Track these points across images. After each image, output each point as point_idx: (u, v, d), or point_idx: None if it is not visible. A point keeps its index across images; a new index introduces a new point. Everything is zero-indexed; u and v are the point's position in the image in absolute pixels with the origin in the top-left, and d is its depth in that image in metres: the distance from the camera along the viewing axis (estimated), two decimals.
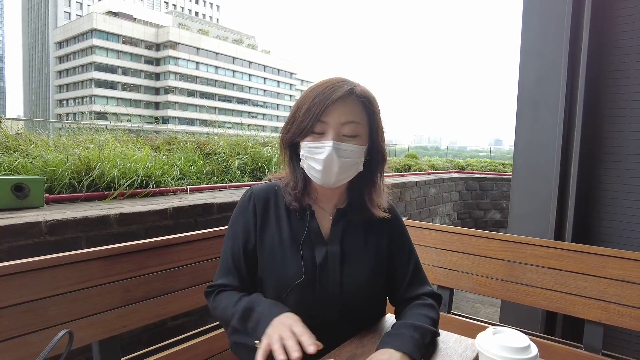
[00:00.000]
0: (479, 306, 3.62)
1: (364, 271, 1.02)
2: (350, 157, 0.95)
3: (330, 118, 0.93)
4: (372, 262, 1.04)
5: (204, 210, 2.03)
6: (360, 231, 1.05)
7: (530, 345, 0.76)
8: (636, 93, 2.07)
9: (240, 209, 1.06)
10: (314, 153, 0.95)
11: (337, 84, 0.95)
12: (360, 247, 1.04)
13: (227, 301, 0.98)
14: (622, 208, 2.12)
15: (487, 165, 7.02)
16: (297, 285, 0.96)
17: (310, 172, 0.98)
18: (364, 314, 1.05)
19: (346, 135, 0.95)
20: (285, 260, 0.98)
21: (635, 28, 2.06)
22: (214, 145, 3.40)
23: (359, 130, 0.96)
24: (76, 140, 2.73)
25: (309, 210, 1.03)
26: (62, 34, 66.51)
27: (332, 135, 0.93)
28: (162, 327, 1.89)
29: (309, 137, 0.95)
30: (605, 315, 1.43)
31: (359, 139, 0.96)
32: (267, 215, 1.04)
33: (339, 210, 1.05)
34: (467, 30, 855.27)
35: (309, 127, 0.94)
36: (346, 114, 0.94)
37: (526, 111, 2.36)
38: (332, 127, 0.93)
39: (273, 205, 1.05)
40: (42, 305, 1.00)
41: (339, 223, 1.04)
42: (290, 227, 1.02)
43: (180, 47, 63.85)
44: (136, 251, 1.19)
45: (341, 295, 0.99)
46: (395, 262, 1.09)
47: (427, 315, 0.99)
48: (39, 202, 1.80)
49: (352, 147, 0.95)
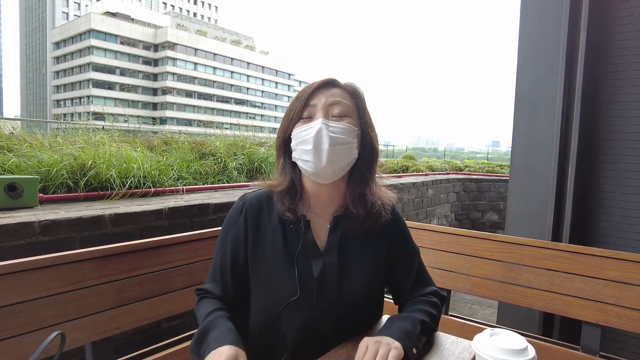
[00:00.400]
0: (476, 307, 3.61)
1: (362, 281, 0.98)
2: (340, 135, 0.92)
3: (316, 100, 0.94)
4: (371, 271, 1.01)
5: (199, 211, 2.02)
6: (358, 237, 1.01)
7: (527, 347, 0.75)
8: (633, 94, 2.07)
9: (231, 219, 1.02)
10: (303, 136, 0.92)
11: (322, 79, 0.98)
12: (358, 256, 1.00)
13: (201, 312, 0.95)
14: (619, 209, 2.12)
15: (485, 166, 7.03)
16: (291, 303, 0.92)
17: (302, 158, 0.93)
18: (360, 321, 1.02)
19: (335, 115, 0.94)
20: (279, 276, 0.94)
21: (632, 29, 2.06)
22: (210, 145, 3.39)
23: (348, 112, 0.96)
24: (71, 140, 2.71)
25: (304, 221, 0.98)
26: (59, 34, 66.39)
27: (320, 115, 0.93)
28: (158, 328, 1.87)
29: (297, 123, 0.95)
30: (603, 316, 1.43)
31: (349, 119, 0.95)
32: (259, 228, 0.99)
33: (336, 218, 1.00)
34: (465, 32, 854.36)
35: (296, 113, 0.94)
36: (332, 95, 0.95)
37: (524, 112, 2.36)
38: (320, 108, 0.93)
39: (266, 216, 1.00)
40: (34, 306, 0.99)
41: (335, 231, 0.99)
42: (285, 239, 0.97)
43: (178, 47, 63.81)
44: (130, 252, 1.17)
45: (338, 308, 0.96)
46: (399, 264, 1.06)
47: (424, 309, 0.98)
48: (32, 202, 1.78)
49: (342, 124, 0.93)
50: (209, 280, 1.03)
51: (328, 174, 0.93)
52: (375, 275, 1.02)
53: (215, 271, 1.01)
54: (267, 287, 0.96)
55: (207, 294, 1.00)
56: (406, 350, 0.83)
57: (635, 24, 2.05)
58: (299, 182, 0.99)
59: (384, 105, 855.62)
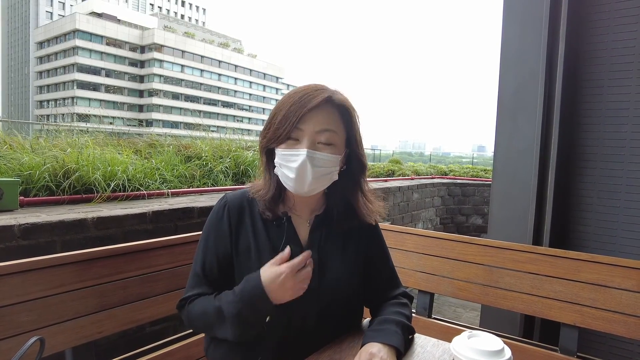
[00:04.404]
0: (460, 311, 3.66)
1: (342, 277, 1.01)
2: (324, 167, 0.94)
3: (306, 125, 0.93)
4: (350, 269, 1.04)
5: (184, 214, 2.01)
6: (338, 237, 1.05)
7: (503, 348, 0.77)
8: (610, 102, 2.14)
9: (214, 219, 1.03)
10: (288, 161, 0.94)
11: (315, 92, 0.94)
12: (338, 253, 1.03)
13: (204, 303, 0.96)
14: (596, 214, 2.18)
15: (469, 171, 7.13)
16: None
17: (284, 180, 0.97)
18: (341, 321, 1.05)
19: (321, 142, 0.94)
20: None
21: (609, 39, 2.13)
22: (196, 148, 3.37)
23: (335, 139, 0.96)
24: (54, 142, 2.67)
25: (286, 218, 1.01)
26: (43, 33, 65.15)
27: (306, 143, 0.92)
28: (141, 332, 1.85)
29: (284, 144, 0.95)
30: (580, 318, 1.47)
31: (334, 148, 0.95)
32: (242, 225, 1.01)
33: (317, 217, 1.04)
34: (452, 38, 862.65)
35: (284, 134, 0.93)
36: (322, 122, 0.94)
37: (505, 119, 2.41)
38: (307, 134, 0.93)
39: (248, 214, 1.02)
40: (12, 311, 0.97)
41: (316, 230, 1.03)
42: (268, 235, 1.00)
43: (166, 49, 63.21)
44: (112, 255, 1.16)
45: (319, 302, 0.98)
46: (373, 266, 1.10)
47: (403, 313, 1.03)
48: (13, 205, 1.75)
49: (327, 156, 0.94)
50: (191, 288, 1.01)
51: (308, 195, 0.97)
52: (355, 273, 1.05)
53: (199, 277, 1.01)
54: None
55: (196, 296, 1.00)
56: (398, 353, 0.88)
57: (611, 34, 2.12)
58: (280, 185, 1.01)
59: (371, 110, 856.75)
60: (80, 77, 59.61)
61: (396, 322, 0.97)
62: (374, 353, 0.85)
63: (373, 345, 0.88)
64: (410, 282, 1.82)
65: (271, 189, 1.00)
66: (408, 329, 0.99)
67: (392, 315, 1.00)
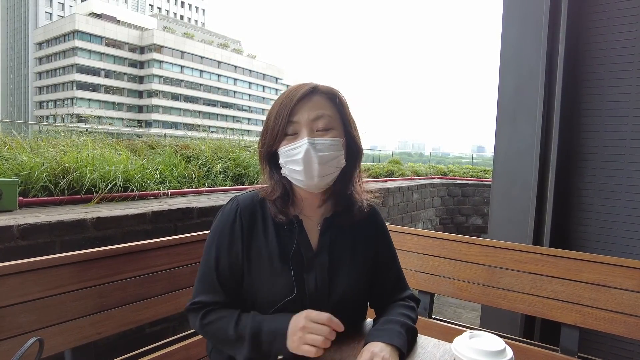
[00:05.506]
0: (460, 311, 3.65)
1: (351, 280, 1.01)
2: (328, 151, 0.94)
3: (299, 116, 0.94)
4: (360, 270, 1.04)
5: (183, 215, 2.01)
6: (348, 239, 1.04)
7: (505, 348, 0.77)
8: (610, 102, 2.13)
9: (225, 221, 1.00)
10: (292, 155, 0.94)
11: (299, 86, 0.97)
12: (348, 257, 1.03)
13: (223, 322, 0.94)
14: (597, 213, 2.17)
15: (469, 171, 7.12)
16: (287, 302, 0.94)
17: (293, 176, 0.96)
18: (347, 321, 1.04)
19: (320, 129, 0.94)
20: (275, 276, 0.96)
21: (607, 40, 2.13)
22: (195, 149, 3.36)
23: (332, 123, 0.96)
24: (53, 143, 2.67)
25: (297, 222, 1.00)
26: (42, 34, 65.11)
27: (305, 133, 0.93)
28: (141, 333, 1.85)
29: (283, 141, 0.95)
30: (581, 318, 1.46)
31: (333, 132, 0.96)
32: (254, 230, 1.00)
33: (327, 220, 1.03)
34: (452, 38, 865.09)
35: (280, 131, 0.94)
36: (314, 108, 0.95)
37: (505, 120, 2.41)
38: (304, 125, 0.93)
39: (260, 218, 1.01)
40: (11, 312, 0.97)
41: (326, 233, 1.02)
42: (279, 240, 0.99)
43: (165, 50, 63.18)
44: (112, 256, 1.16)
45: (329, 306, 0.97)
46: (380, 268, 1.10)
47: (409, 315, 1.02)
48: (11, 205, 1.75)
49: (328, 140, 0.94)
50: (204, 291, 0.99)
51: (320, 186, 0.97)
52: (364, 275, 1.05)
53: (212, 279, 0.99)
54: (263, 287, 0.97)
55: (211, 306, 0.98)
56: (400, 353, 0.88)
57: (611, 34, 2.12)
58: (290, 188, 1.01)
59: (371, 110, 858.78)
60: (80, 77, 59.57)
61: (401, 323, 0.96)
62: (376, 352, 0.85)
63: (376, 344, 0.88)
64: (410, 282, 1.80)
65: (277, 188, 1.00)
66: (412, 331, 0.99)
67: (397, 317, 1.00)
